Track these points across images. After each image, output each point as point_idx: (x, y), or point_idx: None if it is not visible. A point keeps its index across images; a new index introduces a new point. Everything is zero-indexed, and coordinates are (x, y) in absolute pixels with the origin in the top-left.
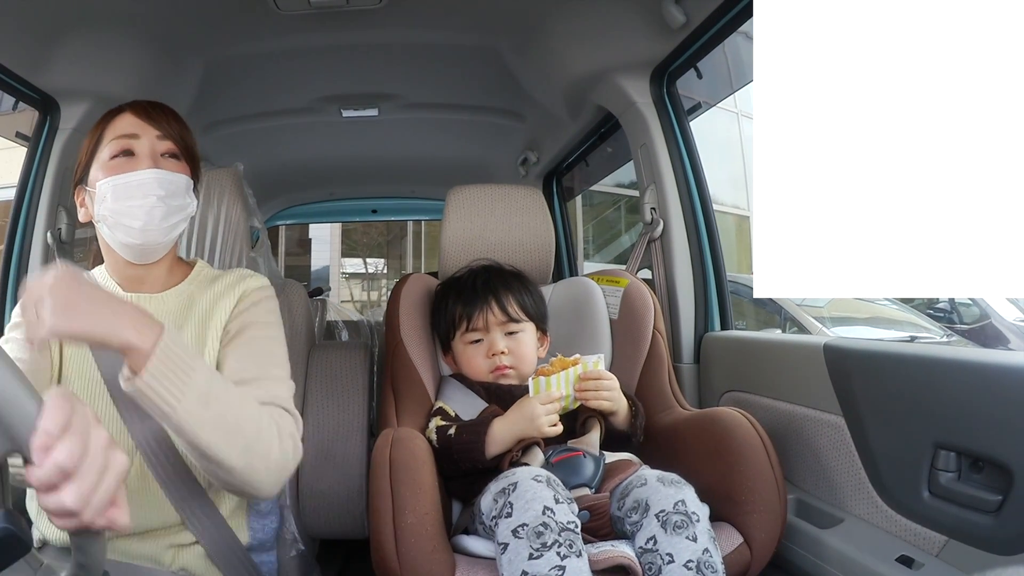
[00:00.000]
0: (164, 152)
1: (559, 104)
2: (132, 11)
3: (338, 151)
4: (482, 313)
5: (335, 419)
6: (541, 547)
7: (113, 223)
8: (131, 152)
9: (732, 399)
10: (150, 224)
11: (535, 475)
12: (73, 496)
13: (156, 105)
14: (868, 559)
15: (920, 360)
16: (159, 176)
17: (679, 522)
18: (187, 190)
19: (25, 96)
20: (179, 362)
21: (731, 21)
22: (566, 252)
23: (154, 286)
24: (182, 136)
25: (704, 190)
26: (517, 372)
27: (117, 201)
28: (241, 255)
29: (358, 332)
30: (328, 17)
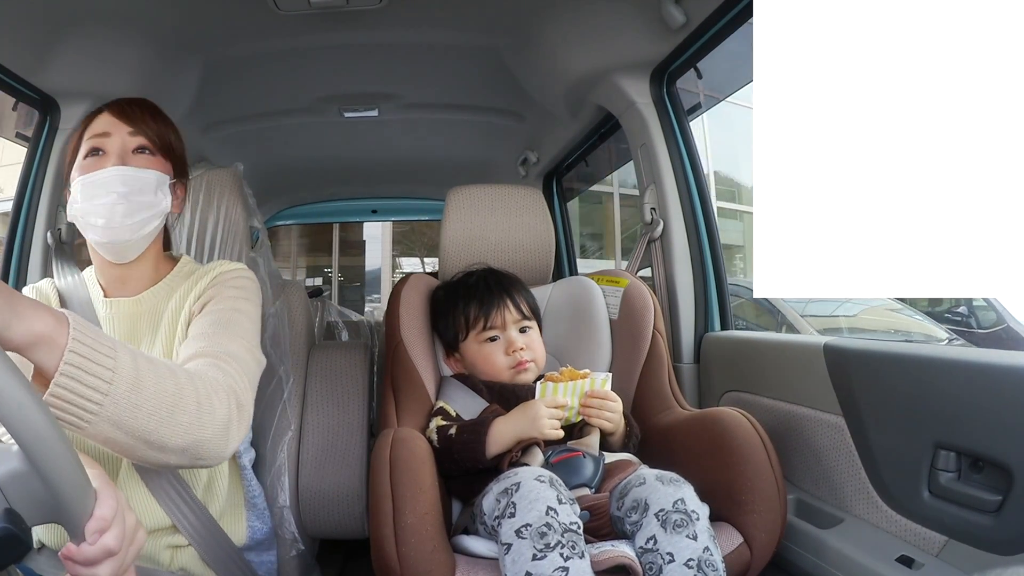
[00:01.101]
0: (136, 148)
1: (559, 104)
2: (132, 11)
3: (338, 151)
4: (499, 311)
5: (335, 419)
6: (545, 548)
7: (83, 223)
8: (102, 151)
9: (732, 399)
10: (112, 221)
11: (538, 475)
12: (109, 572)
13: (135, 102)
14: (868, 559)
15: (920, 360)
16: (121, 173)
17: (679, 521)
18: (157, 186)
19: (25, 96)
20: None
21: (731, 21)
22: (566, 252)
23: (137, 287)
24: (159, 132)
25: (704, 190)
26: (536, 365)
27: (84, 200)
28: (241, 255)
29: (358, 332)
30: (328, 17)
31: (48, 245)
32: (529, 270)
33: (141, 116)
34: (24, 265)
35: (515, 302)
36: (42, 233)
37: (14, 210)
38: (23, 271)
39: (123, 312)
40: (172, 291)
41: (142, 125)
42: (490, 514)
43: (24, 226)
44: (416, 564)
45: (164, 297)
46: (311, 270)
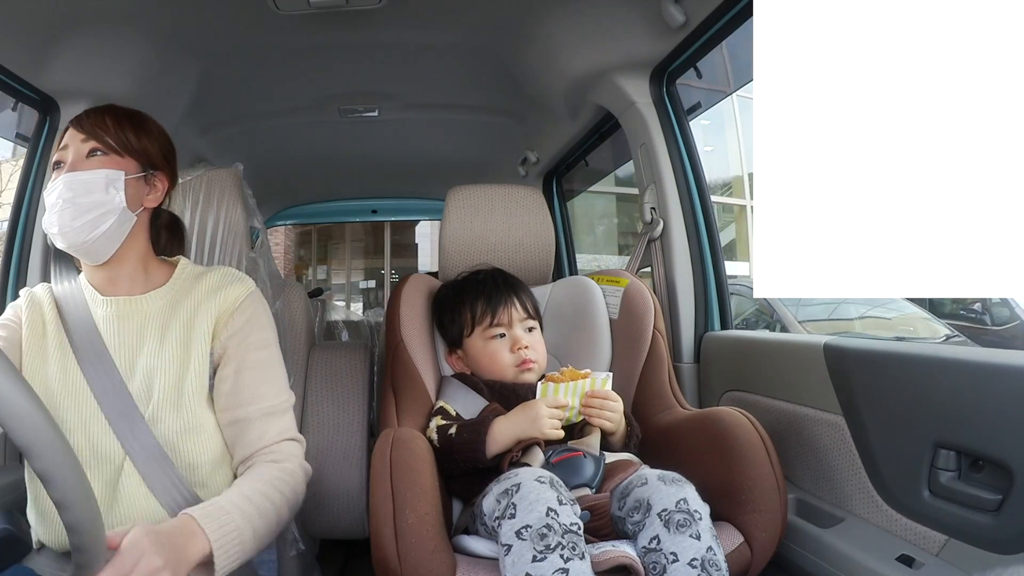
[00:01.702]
0: (88, 152)
1: (559, 104)
2: (132, 11)
3: (338, 151)
4: (506, 308)
5: (335, 419)
6: (545, 549)
7: (48, 233)
8: (62, 163)
9: (732, 399)
10: (64, 227)
11: (538, 476)
12: None
13: (95, 110)
14: (868, 558)
15: (920, 360)
16: (67, 179)
17: (682, 520)
18: (107, 185)
19: (25, 96)
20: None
21: (731, 21)
22: (566, 252)
23: (132, 288)
24: (114, 134)
25: (704, 190)
26: (538, 366)
27: (47, 212)
28: (241, 255)
29: (358, 332)
30: (328, 17)
31: (48, 246)
32: (529, 270)
33: (98, 121)
34: (24, 266)
35: (522, 301)
36: (42, 234)
37: (14, 211)
38: (23, 272)
39: (125, 311)
40: (182, 296)
41: (96, 130)
42: (490, 515)
43: (24, 227)
44: (417, 564)
45: (171, 301)
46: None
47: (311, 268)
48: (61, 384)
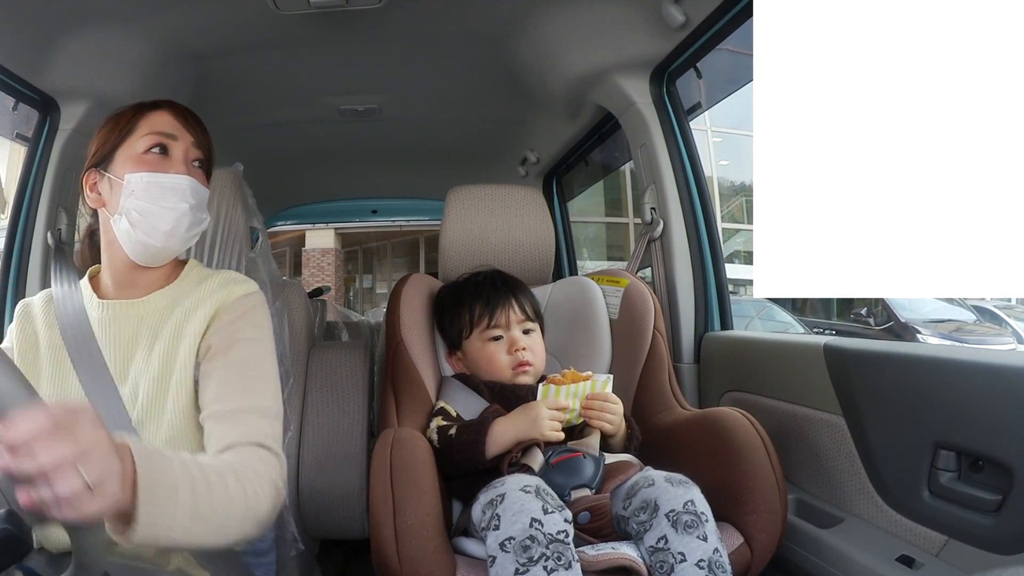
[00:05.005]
0: (195, 160)
1: (559, 104)
2: (132, 11)
3: (338, 151)
4: (504, 310)
5: (335, 419)
6: (528, 561)
7: (137, 220)
8: (166, 151)
9: (732, 399)
10: (177, 230)
11: (524, 485)
12: None
13: (191, 112)
14: (868, 559)
15: (920, 360)
16: (193, 185)
17: (689, 522)
18: (207, 204)
19: (25, 96)
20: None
21: (731, 21)
22: (566, 252)
23: (143, 291)
24: (209, 149)
25: (704, 190)
26: (535, 369)
27: (149, 200)
28: (240, 256)
29: (358, 332)
30: (328, 17)
31: (48, 246)
32: (529, 270)
33: (200, 128)
34: (24, 266)
35: (520, 303)
36: (42, 233)
37: (14, 210)
38: (23, 272)
39: (121, 314)
40: (179, 298)
41: (202, 138)
42: (478, 524)
43: (24, 226)
44: (417, 565)
45: (169, 304)
46: None
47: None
48: (56, 389)
